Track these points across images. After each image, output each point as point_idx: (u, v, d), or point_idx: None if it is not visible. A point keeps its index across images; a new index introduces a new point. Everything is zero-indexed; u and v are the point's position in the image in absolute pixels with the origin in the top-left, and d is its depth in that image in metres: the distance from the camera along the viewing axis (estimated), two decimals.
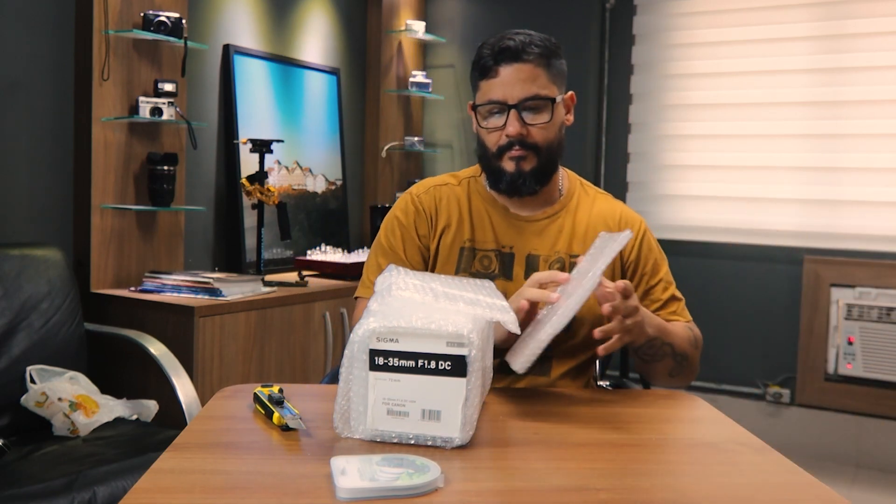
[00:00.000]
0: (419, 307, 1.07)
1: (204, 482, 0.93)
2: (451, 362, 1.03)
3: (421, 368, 1.03)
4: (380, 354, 1.04)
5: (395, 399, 1.04)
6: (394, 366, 1.04)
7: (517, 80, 1.47)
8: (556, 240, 1.56)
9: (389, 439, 1.05)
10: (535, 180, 1.52)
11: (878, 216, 3.56)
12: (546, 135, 1.51)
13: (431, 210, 1.59)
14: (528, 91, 1.47)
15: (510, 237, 1.56)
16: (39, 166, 2.76)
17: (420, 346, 1.03)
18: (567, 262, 1.54)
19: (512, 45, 1.47)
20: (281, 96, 3.68)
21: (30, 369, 2.28)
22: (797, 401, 3.70)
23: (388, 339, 1.04)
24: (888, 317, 3.45)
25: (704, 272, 3.93)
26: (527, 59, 1.47)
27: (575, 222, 1.58)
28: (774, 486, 0.97)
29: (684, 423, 1.28)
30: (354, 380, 1.05)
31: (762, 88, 3.77)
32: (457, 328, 1.03)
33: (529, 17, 4.17)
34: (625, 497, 0.93)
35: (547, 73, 1.50)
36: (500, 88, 1.48)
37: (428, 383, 1.03)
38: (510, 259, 1.55)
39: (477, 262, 1.54)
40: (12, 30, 2.66)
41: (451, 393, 1.03)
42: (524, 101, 1.48)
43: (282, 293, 2.95)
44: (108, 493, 1.84)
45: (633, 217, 1.62)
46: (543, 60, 1.49)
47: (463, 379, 1.03)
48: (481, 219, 1.58)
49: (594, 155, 4.16)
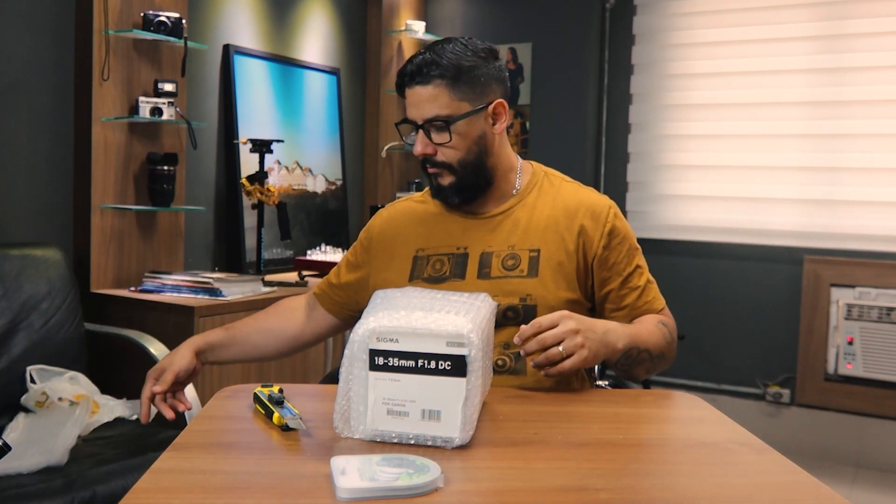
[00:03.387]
0: (418, 308, 1.07)
1: (204, 482, 0.93)
2: (450, 362, 1.03)
3: (421, 368, 1.03)
4: (380, 354, 1.04)
5: (395, 399, 1.04)
6: (394, 366, 1.04)
7: (420, 101, 1.49)
8: (511, 234, 1.56)
9: (389, 439, 1.05)
10: (455, 194, 1.55)
11: (878, 216, 3.56)
12: (455, 153, 1.52)
13: (380, 231, 1.67)
14: (429, 112, 1.49)
15: (465, 238, 1.58)
16: (39, 166, 2.76)
17: (420, 346, 1.03)
18: (526, 256, 1.53)
19: (410, 68, 1.49)
20: (281, 96, 3.68)
21: (30, 369, 2.28)
22: (797, 401, 3.70)
23: (388, 339, 1.04)
24: (888, 317, 3.45)
25: (704, 272, 3.93)
26: (424, 81, 1.48)
27: (533, 214, 1.57)
28: (774, 486, 0.97)
29: (684, 423, 1.28)
30: (354, 379, 1.05)
31: (762, 88, 3.77)
32: (457, 328, 1.03)
33: (529, 17, 4.18)
34: (625, 497, 0.93)
35: (450, 91, 1.48)
36: (411, 108, 1.52)
37: (428, 383, 1.03)
38: (464, 259, 1.56)
39: (429, 267, 1.56)
40: (12, 30, 2.66)
41: (451, 393, 1.03)
42: (428, 122, 1.50)
43: (282, 293, 2.95)
44: (107, 492, 1.84)
45: (599, 203, 1.59)
46: (445, 80, 1.48)
47: (463, 379, 1.03)
48: (437, 225, 1.61)
49: (594, 155, 4.16)
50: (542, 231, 1.55)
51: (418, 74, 1.48)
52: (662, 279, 4.45)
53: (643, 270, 1.60)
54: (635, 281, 1.57)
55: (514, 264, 1.53)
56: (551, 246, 1.54)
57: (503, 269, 1.52)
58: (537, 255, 1.53)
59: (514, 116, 4.23)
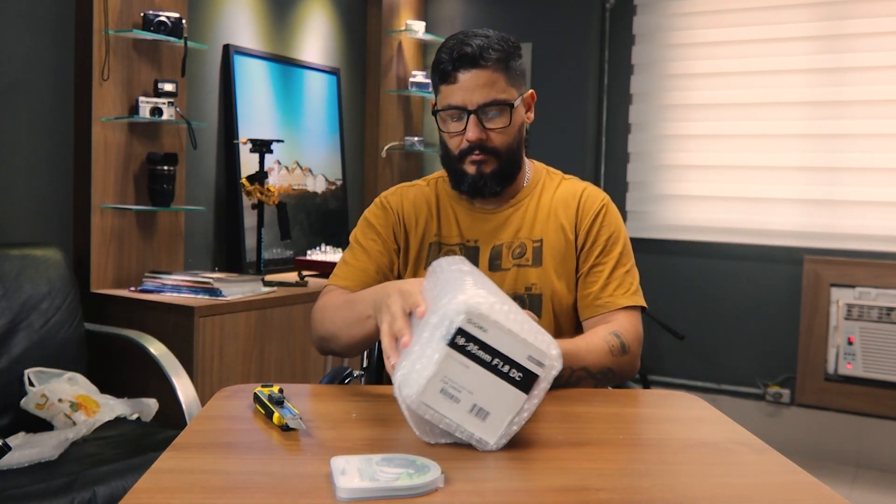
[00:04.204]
0: (507, 302, 1.04)
1: (204, 482, 0.93)
2: (522, 375, 1.01)
3: (493, 367, 1.01)
4: (464, 336, 1.00)
5: (455, 383, 1.01)
6: (471, 352, 1.01)
7: (476, 86, 1.47)
8: (520, 226, 1.58)
9: (428, 415, 1.01)
10: (496, 182, 1.55)
11: (878, 216, 3.56)
12: (505, 139, 1.52)
13: (399, 208, 1.62)
14: (488, 96, 1.48)
15: (475, 231, 1.59)
16: (39, 166, 2.76)
17: (505, 347, 1.01)
18: (531, 245, 1.56)
19: (469, 51, 1.46)
20: (281, 96, 3.68)
21: (28, 372, 2.27)
22: (797, 401, 3.70)
23: (479, 326, 1.01)
24: (888, 317, 3.45)
25: (704, 272, 3.93)
26: (485, 64, 1.46)
27: (538, 206, 1.60)
28: (774, 486, 0.97)
29: (684, 423, 1.28)
30: (429, 344, 1.01)
31: (762, 88, 3.77)
32: (546, 348, 1.02)
33: (529, 17, 4.17)
34: (625, 497, 0.93)
35: (506, 76, 1.49)
36: (460, 94, 1.48)
37: (492, 382, 1.01)
38: (475, 252, 1.57)
39: (442, 255, 1.56)
40: (12, 30, 2.66)
41: (508, 402, 1.02)
42: (483, 107, 1.48)
43: (282, 293, 2.95)
44: (108, 493, 1.84)
45: (595, 194, 1.62)
46: (502, 64, 1.48)
47: (524, 395, 1.02)
48: (447, 215, 1.61)
49: (594, 155, 4.16)
50: (545, 222, 1.58)
51: (478, 58, 1.46)
52: (662, 279, 4.45)
53: (621, 266, 1.56)
54: (605, 271, 1.54)
55: (521, 252, 1.56)
56: (552, 235, 1.57)
57: (512, 259, 1.56)
58: (540, 244, 1.56)
59: None
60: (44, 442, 1.96)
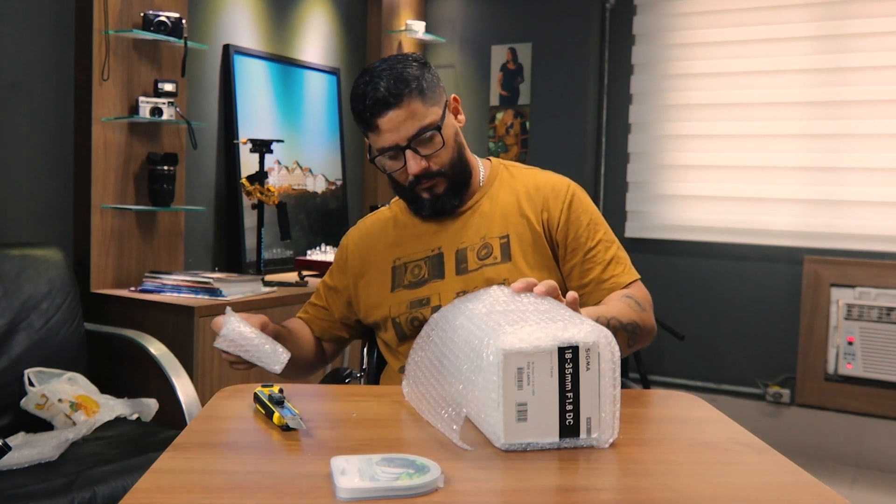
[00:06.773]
0: None
1: (204, 482, 0.93)
2: (573, 423, 1.02)
3: (563, 398, 1.01)
4: (574, 356, 1.00)
5: (532, 375, 0.99)
6: (563, 371, 1.00)
7: (399, 124, 1.48)
8: (480, 226, 1.59)
9: (493, 373, 0.99)
10: (453, 196, 1.57)
11: (878, 216, 3.56)
12: (445, 156, 1.54)
13: (357, 244, 1.68)
14: (413, 128, 1.48)
15: (438, 239, 1.60)
16: (39, 166, 2.76)
17: (585, 395, 1.01)
18: (497, 243, 1.56)
19: (381, 95, 1.46)
20: (281, 96, 3.68)
21: (28, 372, 2.27)
22: (797, 401, 3.70)
23: (588, 360, 1.01)
24: (888, 317, 3.45)
25: (704, 272, 3.93)
26: (398, 102, 1.47)
27: (497, 203, 1.60)
28: (774, 486, 0.97)
29: (684, 423, 1.28)
30: (545, 327, 0.99)
31: (762, 88, 3.77)
32: (605, 436, 1.04)
33: (529, 17, 4.17)
34: (625, 497, 0.93)
35: (422, 101, 1.49)
36: (388, 136, 1.49)
37: (550, 406, 1.01)
38: (439, 259, 1.58)
39: (408, 273, 1.58)
40: (12, 30, 2.66)
41: (545, 431, 1.02)
42: (413, 138, 1.49)
43: (282, 293, 2.95)
44: (108, 493, 1.84)
45: (558, 181, 1.62)
46: (415, 92, 1.48)
47: (557, 440, 1.02)
48: (408, 232, 1.62)
49: (594, 155, 4.16)
50: (507, 216, 1.58)
51: (390, 99, 1.46)
52: (662, 279, 4.44)
53: (609, 245, 1.58)
54: (600, 255, 1.56)
55: (488, 253, 1.56)
56: (518, 228, 1.57)
57: (478, 260, 1.55)
58: (507, 240, 1.56)
59: (513, 116, 4.23)
60: (44, 442, 1.96)
